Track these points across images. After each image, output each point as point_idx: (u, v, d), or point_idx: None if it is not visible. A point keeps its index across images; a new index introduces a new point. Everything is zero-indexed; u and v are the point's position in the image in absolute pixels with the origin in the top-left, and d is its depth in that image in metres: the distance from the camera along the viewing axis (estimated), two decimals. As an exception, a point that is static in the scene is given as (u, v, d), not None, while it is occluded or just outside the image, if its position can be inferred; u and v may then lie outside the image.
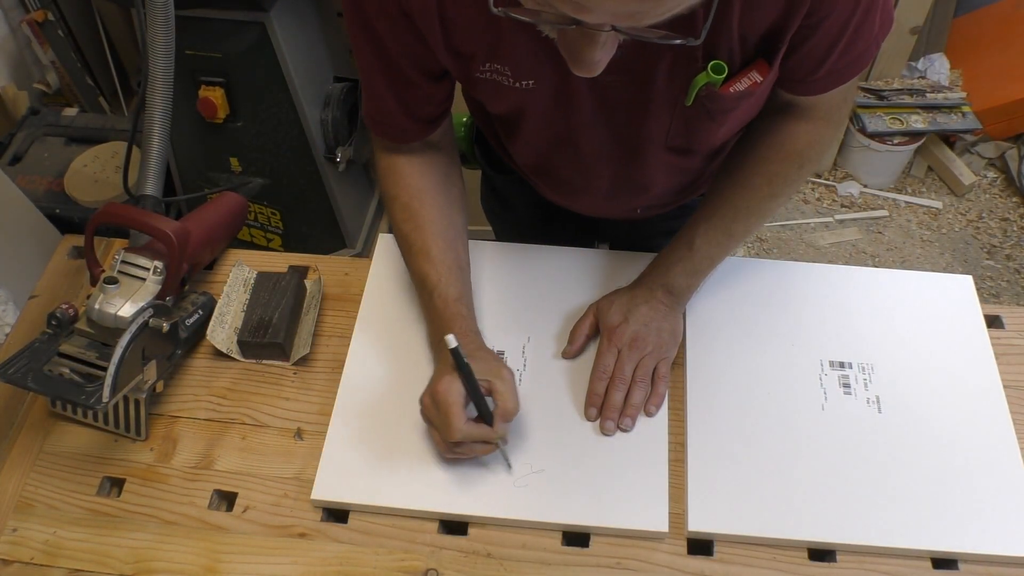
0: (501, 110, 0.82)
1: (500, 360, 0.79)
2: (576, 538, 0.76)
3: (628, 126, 0.79)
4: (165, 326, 0.79)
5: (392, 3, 0.69)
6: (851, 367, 0.85)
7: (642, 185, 0.89)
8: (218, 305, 0.89)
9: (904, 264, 2.13)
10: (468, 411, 0.74)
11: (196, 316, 0.87)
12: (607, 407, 0.81)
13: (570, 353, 0.86)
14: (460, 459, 0.77)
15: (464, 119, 1.06)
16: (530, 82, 0.73)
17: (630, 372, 0.82)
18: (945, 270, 2.10)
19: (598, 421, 0.81)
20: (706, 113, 0.75)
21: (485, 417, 0.74)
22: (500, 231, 1.20)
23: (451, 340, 0.72)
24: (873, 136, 2.17)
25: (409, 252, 0.84)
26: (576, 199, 0.97)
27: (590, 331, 0.86)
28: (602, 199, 0.93)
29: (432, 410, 0.75)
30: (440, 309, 0.80)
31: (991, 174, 2.32)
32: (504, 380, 0.75)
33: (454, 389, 0.73)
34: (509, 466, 0.78)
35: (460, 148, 1.07)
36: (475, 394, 0.73)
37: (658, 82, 0.72)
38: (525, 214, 1.09)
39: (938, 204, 2.27)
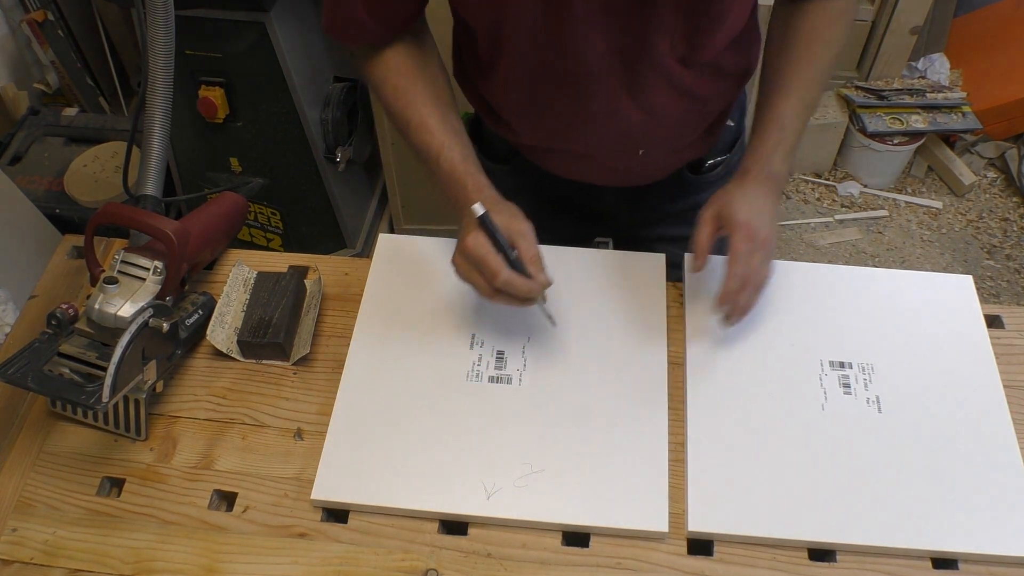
0: (479, 17, 0.80)
1: (517, 211, 0.79)
2: (576, 538, 0.76)
3: (628, 32, 0.76)
4: (165, 326, 0.79)
5: None
6: (851, 367, 0.85)
7: (646, 111, 0.86)
8: (218, 305, 0.89)
9: (904, 264, 2.13)
10: None
11: (196, 316, 0.87)
12: (740, 310, 0.81)
13: (700, 267, 0.83)
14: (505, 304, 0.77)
15: (463, 115, 1.06)
16: None
17: (764, 275, 0.81)
18: (945, 270, 2.10)
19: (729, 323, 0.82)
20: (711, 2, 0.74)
21: (518, 270, 0.75)
22: None
23: (478, 208, 0.73)
24: (873, 136, 2.17)
25: (407, 129, 0.84)
26: (574, 153, 0.93)
27: (713, 238, 0.84)
28: (602, 143, 0.89)
29: (467, 266, 0.76)
30: (449, 172, 0.80)
31: (991, 174, 2.32)
32: (523, 235, 0.76)
33: (482, 242, 0.74)
34: (554, 323, 0.80)
35: None
36: (505, 252, 0.74)
37: None
38: (524, 208, 1.08)
39: (938, 204, 2.27)
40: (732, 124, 1.00)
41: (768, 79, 0.86)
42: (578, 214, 0.95)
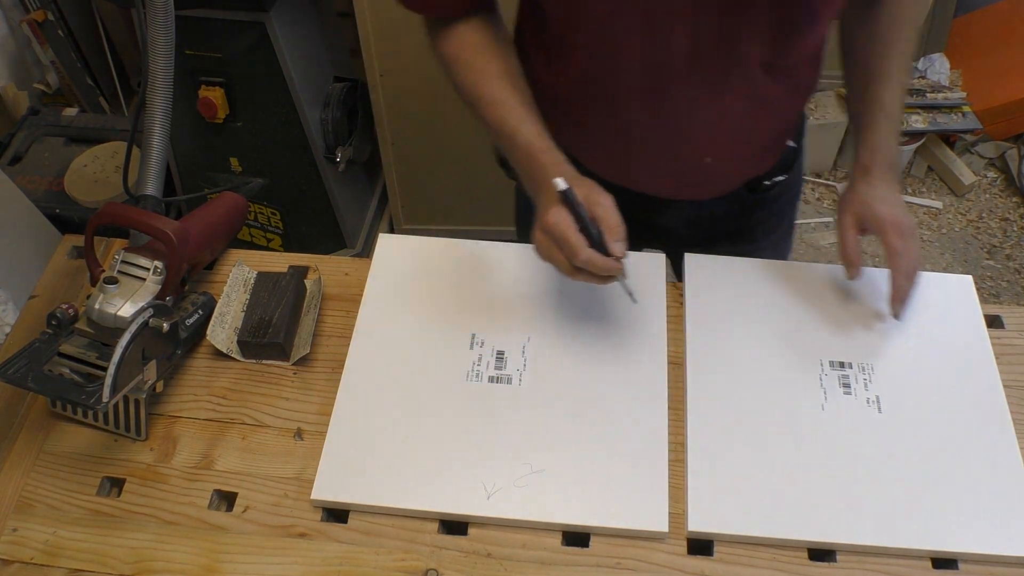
0: (556, 8, 0.78)
1: (595, 184, 0.77)
2: (576, 538, 0.76)
3: (717, 29, 0.74)
4: (165, 326, 0.79)
5: None
6: (851, 367, 0.85)
7: (720, 115, 0.84)
8: (218, 305, 0.89)
9: (904, 264, 2.13)
10: None
11: (196, 316, 0.87)
12: (904, 298, 0.82)
13: (857, 275, 0.84)
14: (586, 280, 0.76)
15: None
16: None
17: (920, 258, 0.82)
18: (945, 270, 2.10)
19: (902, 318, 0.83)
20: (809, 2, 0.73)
21: (597, 247, 0.73)
22: None
23: (560, 183, 0.72)
24: (873, 136, 2.17)
25: (479, 104, 0.83)
26: (636, 155, 0.91)
27: (859, 243, 0.84)
28: (670, 145, 0.88)
29: (547, 242, 0.74)
30: (526, 148, 0.79)
31: (991, 174, 2.32)
32: (603, 205, 0.74)
33: (564, 218, 0.72)
34: (634, 300, 0.80)
35: (501, 153, 1.06)
36: (586, 227, 0.73)
37: None
38: None
39: (938, 204, 2.27)
40: (793, 145, 0.99)
41: (862, 71, 0.87)
42: (629, 227, 0.93)
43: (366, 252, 1.98)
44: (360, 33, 1.60)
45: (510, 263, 0.94)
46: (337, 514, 0.78)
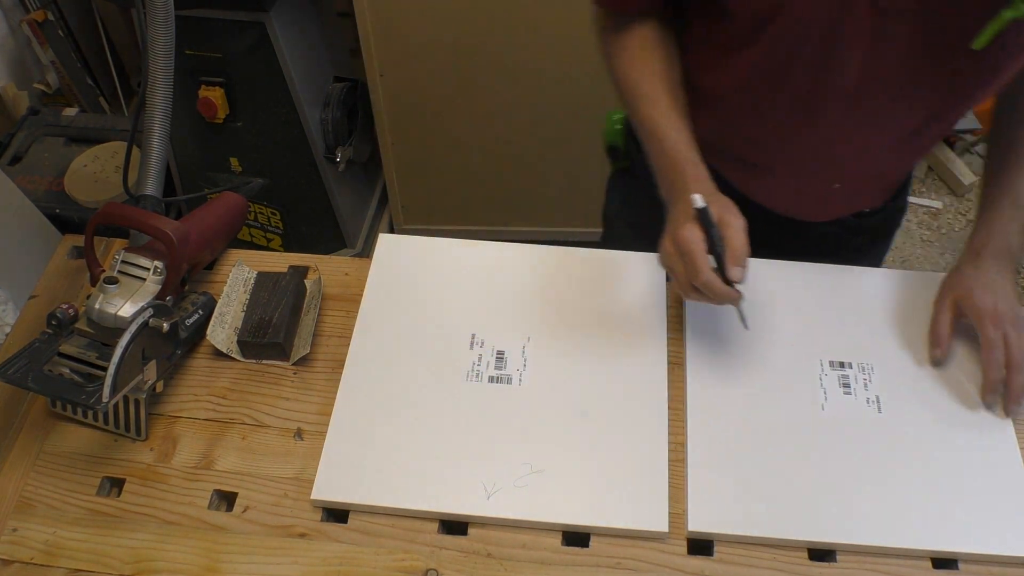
0: (748, 14, 0.75)
1: (731, 204, 0.76)
2: (576, 538, 0.76)
3: (890, 67, 0.73)
4: (165, 326, 0.79)
5: None
6: (851, 367, 0.85)
7: (867, 147, 0.83)
8: (218, 305, 0.89)
9: (904, 264, 2.13)
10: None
11: (196, 316, 0.87)
12: (1014, 392, 0.79)
13: (941, 356, 0.83)
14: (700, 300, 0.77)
15: (615, 115, 1.04)
16: None
17: None
18: (945, 270, 2.09)
19: (994, 407, 0.80)
20: (988, 60, 0.70)
21: (723, 268, 0.74)
22: (639, 241, 1.02)
23: (698, 200, 0.72)
24: (873, 136, 2.17)
25: (636, 99, 0.83)
26: (770, 169, 0.90)
27: (953, 326, 0.83)
28: (810, 166, 0.87)
29: (674, 256, 0.75)
30: (672, 155, 0.79)
31: (991, 174, 2.32)
32: (733, 227, 0.74)
33: (696, 237, 0.73)
34: (746, 326, 0.79)
35: (612, 142, 1.05)
36: (714, 247, 0.73)
37: (950, 18, 0.67)
38: None
39: (938, 204, 2.27)
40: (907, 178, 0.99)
41: (1000, 153, 0.85)
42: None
43: (366, 252, 1.98)
44: (360, 33, 1.60)
45: (510, 263, 0.94)
46: (337, 514, 0.78)
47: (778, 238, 0.94)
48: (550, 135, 1.81)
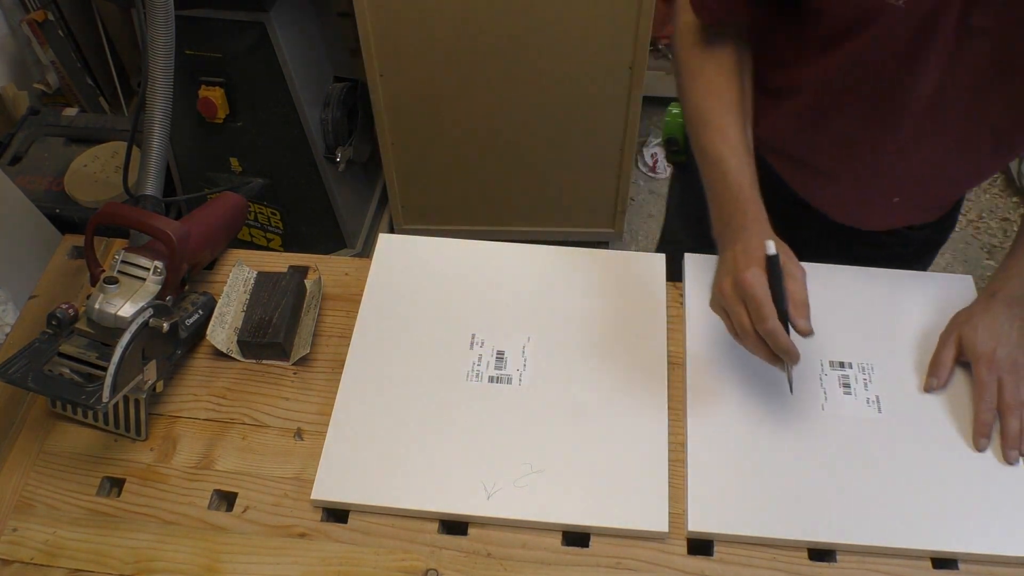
0: (837, 18, 0.74)
1: (791, 253, 0.76)
2: (576, 538, 0.76)
3: (966, 83, 0.73)
4: (165, 326, 0.79)
5: None
6: (851, 367, 0.85)
7: (933, 164, 0.83)
8: (218, 305, 0.89)
9: (904, 264, 2.13)
10: None
11: (196, 316, 0.87)
12: (1009, 436, 0.78)
13: (938, 386, 0.83)
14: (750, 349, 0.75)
15: (675, 108, 1.02)
16: (900, 0, 0.67)
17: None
18: (945, 270, 2.10)
19: (986, 450, 0.79)
20: None
21: (782, 317, 0.72)
22: (692, 237, 0.99)
23: (771, 247, 0.71)
24: (873, 136, 2.17)
25: (704, 128, 0.81)
26: (832, 177, 0.90)
27: (955, 360, 0.83)
28: (873, 179, 0.87)
29: (733, 298, 0.73)
30: (735, 192, 0.77)
31: (991, 174, 2.32)
32: (797, 279, 0.73)
33: (761, 282, 0.71)
34: (791, 390, 0.76)
35: (671, 134, 1.03)
36: (780, 296, 0.71)
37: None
38: None
39: (938, 204, 2.26)
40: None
41: None
42: (786, 235, 0.87)
43: (366, 252, 1.98)
44: (360, 33, 1.60)
45: (510, 263, 0.94)
46: (337, 514, 0.77)
47: (825, 243, 0.95)
48: (550, 135, 1.81)
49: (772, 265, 0.71)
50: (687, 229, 1.06)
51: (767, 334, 0.71)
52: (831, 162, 0.90)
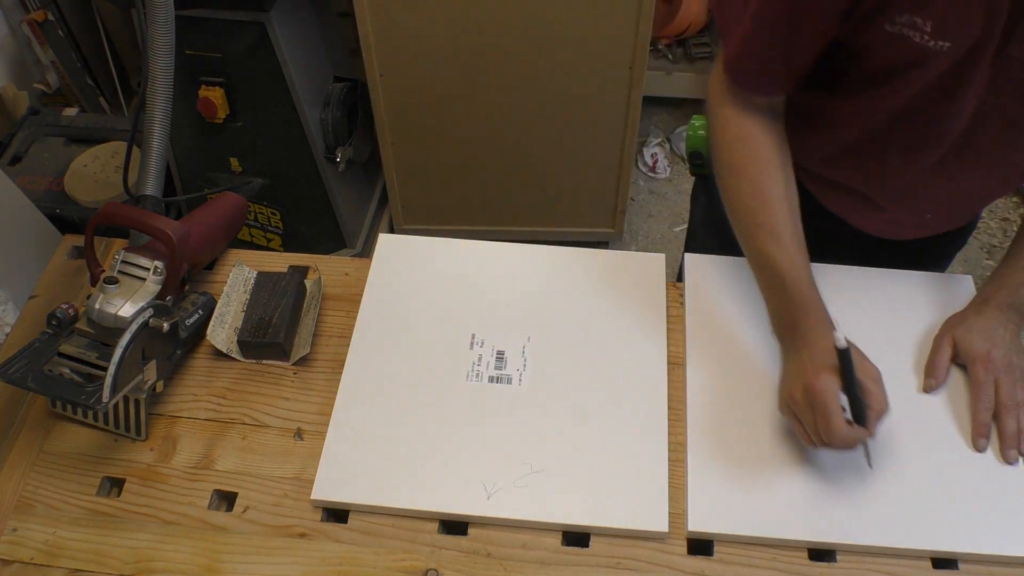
0: (878, 66, 0.74)
1: (860, 351, 0.75)
2: (576, 538, 0.76)
3: (1000, 113, 0.73)
4: (165, 326, 0.79)
5: None
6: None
7: (964, 187, 0.84)
8: (218, 305, 0.89)
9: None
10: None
11: (196, 316, 0.87)
12: (1006, 436, 0.79)
13: (936, 386, 0.83)
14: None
15: (697, 121, 1.02)
16: (945, 44, 0.66)
17: (1021, 397, 0.79)
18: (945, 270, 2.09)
19: (986, 451, 0.79)
20: None
21: (858, 415, 0.71)
22: (723, 249, 0.97)
23: (841, 340, 0.70)
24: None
25: (754, 228, 0.79)
26: (865, 196, 0.90)
27: (951, 362, 0.84)
28: (906, 199, 0.87)
29: (804, 406, 0.72)
30: (794, 294, 0.76)
31: (991, 174, 2.32)
32: (874, 379, 0.73)
33: (833, 389, 0.70)
34: (870, 464, 0.75)
35: (695, 148, 1.02)
36: (854, 395, 0.71)
37: None
38: None
39: (938, 204, 2.26)
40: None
41: None
42: (814, 242, 0.85)
43: (366, 252, 1.97)
44: (360, 33, 1.60)
45: (510, 263, 0.94)
46: (337, 514, 0.77)
47: (848, 248, 0.95)
48: (550, 135, 1.81)
49: (844, 358, 0.71)
50: (715, 238, 1.06)
51: (836, 444, 0.71)
52: (865, 186, 0.90)
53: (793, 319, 0.77)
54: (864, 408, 0.71)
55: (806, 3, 0.70)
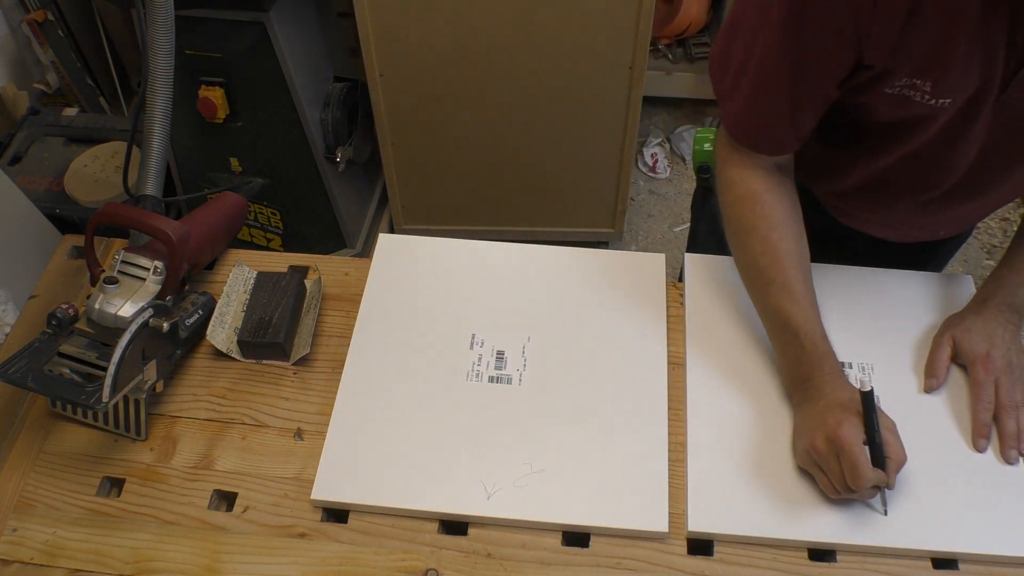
0: (882, 121, 0.76)
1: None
2: (576, 538, 0.76)
3: (1000, 153, 0.75)
4: (165, 326, 0.79)
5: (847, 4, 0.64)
6: (851, 367, 0.85)
7: (964, 211, 0.86)
8: (218, 305, 0.89)
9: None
10: None
11: (196, 316, 0.87)
12: (1006, 436, 0.79)
13: (937, 385, 0.83)
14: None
15: (703, 133, 1.03)
16: (946, 101, 0.68)
17: (1021, 397, 0.80)
18: (945, 270, 2.09)
19: (986, 451, 0.79)
20: None
21: (877, 462, 0.71)
22: (726, 250, 1.01)
23: (867, 383, 0.71)
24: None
25: (766, 285, 0.80)
26: (875, 213, 0.92)
27: (950, 361, 0.84)
28: (916, 220, 0.89)
29: (828, 455, 0.72)
30: (809, 350, 0.77)
31: (991, 174, 2.32)
32: (890, 429, 0.73)
33: (858, 437, 0.71)
34: (885, 512, 0.75)
35: (703, 161, 1.03)
36: (875, 442, 0.71)
37: None
38: None
39: (938, 204, 2.27)
40: None
41: None
42: (819, 242, 0.86)
43: (366, 252, 1.97)
44: (360, 33, 1.60)
45: (510, 263, 0.94)
46: (337, 514, 0.77)
47: (848, 248, 0.97)
48: (550, 135, 1.81)
49: (867, 401, 0.71)
50: (719, 248, 1.07)
51: (859, 492, 0.72)
52: (869, 213, 0.92)
53: (807, 372, 0.77)
54: (883, 456, 0.71)
55: (804, 69, 0.70)
